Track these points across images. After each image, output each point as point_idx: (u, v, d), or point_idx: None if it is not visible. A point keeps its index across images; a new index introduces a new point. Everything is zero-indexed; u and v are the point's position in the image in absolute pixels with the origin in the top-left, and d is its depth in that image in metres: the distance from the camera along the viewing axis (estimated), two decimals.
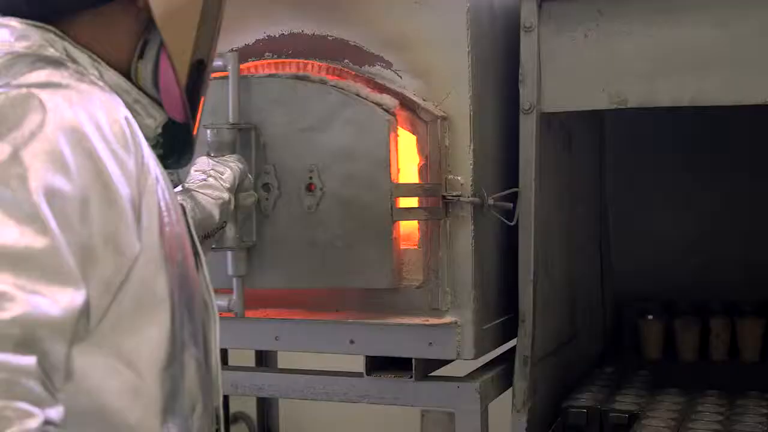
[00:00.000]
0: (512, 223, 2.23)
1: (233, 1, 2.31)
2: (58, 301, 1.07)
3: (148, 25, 1.37)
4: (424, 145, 2.15)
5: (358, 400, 2.24)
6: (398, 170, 2.12)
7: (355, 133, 2.08)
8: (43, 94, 1.16)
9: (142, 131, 1.31)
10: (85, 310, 1.12)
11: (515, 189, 2.24)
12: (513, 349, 2.30)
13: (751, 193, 3.08)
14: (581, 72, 2.24)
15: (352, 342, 2.19)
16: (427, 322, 2.12)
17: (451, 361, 2.22)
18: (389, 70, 2.19)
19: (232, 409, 3.53)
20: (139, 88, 1.39)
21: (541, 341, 2.36)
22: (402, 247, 2.19)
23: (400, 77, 2.19)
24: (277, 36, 2.28)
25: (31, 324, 1.03)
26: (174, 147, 1.49)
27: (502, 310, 2.33)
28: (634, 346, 3.09)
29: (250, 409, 3.78)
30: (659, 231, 3.18)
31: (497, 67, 2.32)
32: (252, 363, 3.12)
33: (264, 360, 3.28)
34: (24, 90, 1.17)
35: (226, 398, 3.31)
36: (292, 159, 2.12)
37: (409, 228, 2.24)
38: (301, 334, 2.25)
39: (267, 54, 2.28)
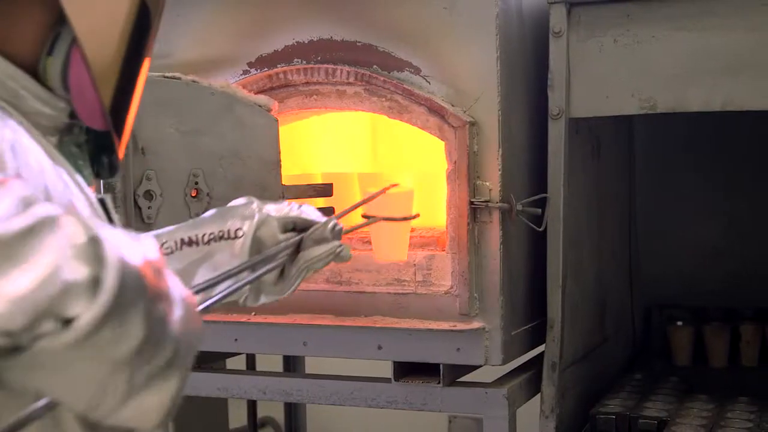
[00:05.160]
0: (541, 229, 2.23)
1: (263, 7, 2.33)
2: None
3: (61, 17, 1.20)
4: (452, 151, 2.15)
5: (385, 406, 2.25)
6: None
7: (241, 135, 2.03)
8: None
9: (38, 119, 1.19)
10: None
11: (544, 195, 2.24)
12: (541, 355, 2.30)
13: None
14: (610, 77, 2.23)
15: (380, 347, 2.20)
16: (455, 328, 2.12)
17: (479, 366, 2.22)
18: (418, 76, 2.20)
19: (260, 413, 3.54)
20: (47, 88, 1.22)
21: (570, 347, 2.35)
22: (430, 252, 2.19)
23: (429, 83, 2.19)
24: (306, 42, 2.29)
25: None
26: (96, 153, 1.31)
27: (530, 315, 2.33)
28: (664, 352, 3.07)
29: (278, 413, 3.79)
30: (689, 236, 3.16)
31: (526, 73, 2.31)
32: (280, 368, 3.14)
33: (292, 365, 3.29)
34: None
35: (253, 403, 3.32)
36: (175, 164, 2.01)
37: (437, 233, 2.25)
38: (329, 340, 2.25)
39: (296, 60, 2.29)
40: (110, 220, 1.27)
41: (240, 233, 1.48)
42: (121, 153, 1.29)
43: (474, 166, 2.15)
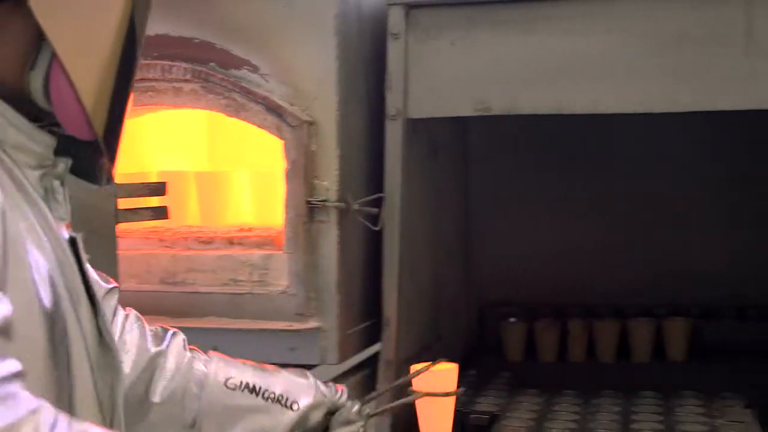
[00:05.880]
0: (377, 229, 2.25)
1: None
2: None
3: (41, 31, 1.20)
4: (290, 150, 2.15)
5: None
6: None
7: None
8: None
9: (22, 155, 1.21)
10: None
11: (381, 194, 2.26)
12: (378, 354, 2.32)
13: (612, 197, 3.19)
14: (447, 79, 2.27)
15: (215, 348, 2.16)
16: (290, 328, 2.12)
17: (316, 366, 2.22)
18: (256, 74, 2.18)
19: None
20: (32, 102, 1.23)
21: (405, 345, 2.38)
22: (267, 251, 2.18)
23: (267, 81, 2.18)
24: None
25: None
26: (82, 162, 1.32)
27: (366, 314, 2.35)
28: (497, 348, 3.15)
29: None
30: (522, 235, 3.25)
31: (365, 73, 2.33)
32: None
33: None
34: None
35: None
36: None
37: (274, 233, 2.24)
38: None
39: None
40: (78, 260, 1.28)
41: (295, 407, 1.54)
42: (116, 160, 1.31)
43: (312, 165, 2.15)
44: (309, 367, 2.25)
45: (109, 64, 1.24)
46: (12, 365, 1.00)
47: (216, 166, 2.63)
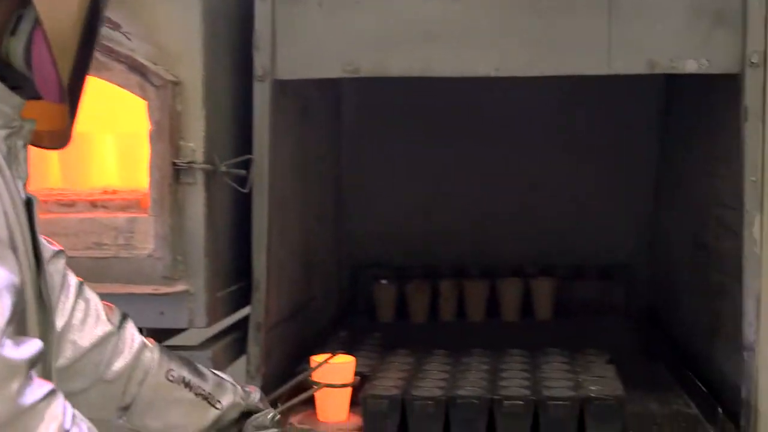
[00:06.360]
0: (246, 191, 2.23)
1: None
2: None
3: (22, 1, 1.27)
4: (154, 111, 2.10)
5: None
6: None
7: None
8: None
9: None
10: None
11: (249, 156, 2.24)
12: (248, 317, 2.31)
13: (481, 160, 3.23)
14: (315, 40, 2.26)
15: None
16: (157, 291, 2.09)
17: (184, 330, 2.20)
18: (117, 32, 2.12)
19: None
20: (9, 67, 1.29)
21: (276, 307, 2.37)
22: (132, 214, 2.14)
23: (129, 40, 2.12)
24: None
25: None
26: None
27: (236, 277, 2.33)
28: (369, 309, 3.17)
29: None
30: (393, 197, 3.28)
31: (232, 33, 2.30)
32: None
33: None
34: None
35: None
36: None
37: (140, 195, 2.20)
38: None
39: None
40: (31, 222, 1.33)
41: (219, 405, 1.68)
42: (75, 122, 1.41)
43: (177, 126, 2.11)
44: (178, 331, 2.23)
45: (78, 29, 1.30)
46: (37, 345, 1.10)
47: (78, 127, 2.55)
